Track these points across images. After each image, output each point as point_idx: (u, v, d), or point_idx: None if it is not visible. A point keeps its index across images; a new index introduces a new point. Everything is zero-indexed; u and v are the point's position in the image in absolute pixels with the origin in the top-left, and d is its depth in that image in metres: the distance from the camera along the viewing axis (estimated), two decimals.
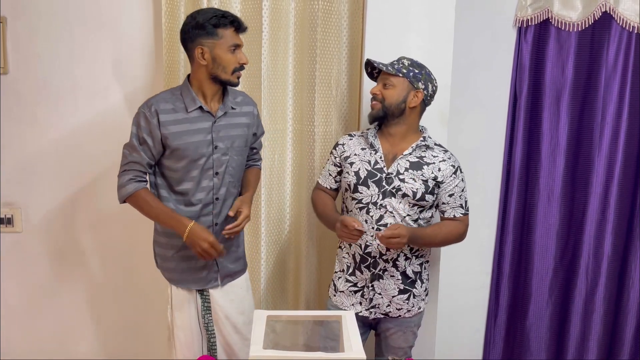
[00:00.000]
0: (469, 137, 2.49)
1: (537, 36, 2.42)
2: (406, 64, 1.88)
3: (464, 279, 2.63)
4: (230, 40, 1.78)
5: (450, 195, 1.91)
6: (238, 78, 1.84)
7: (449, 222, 1.94)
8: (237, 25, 1.80)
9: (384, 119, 1.90)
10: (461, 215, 1.94)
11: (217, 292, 1.95)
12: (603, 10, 2.35)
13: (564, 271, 2.58)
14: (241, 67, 1.82)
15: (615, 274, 2.54)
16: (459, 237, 1.96)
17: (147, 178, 1.87)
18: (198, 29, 1.77)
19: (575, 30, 2.38)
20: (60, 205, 2.43)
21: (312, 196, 2.09)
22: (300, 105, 2.31)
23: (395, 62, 1.89)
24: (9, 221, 2.41)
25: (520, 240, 2.59)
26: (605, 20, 2.36)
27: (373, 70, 1.97)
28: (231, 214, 1.86)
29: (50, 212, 2.43)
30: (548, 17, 2.39)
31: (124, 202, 1.84)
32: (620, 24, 2.35)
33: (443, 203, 1.93)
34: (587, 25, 2.37)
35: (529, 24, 2.40)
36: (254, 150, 2.06)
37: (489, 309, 2.67)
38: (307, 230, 2.34)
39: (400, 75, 1.85)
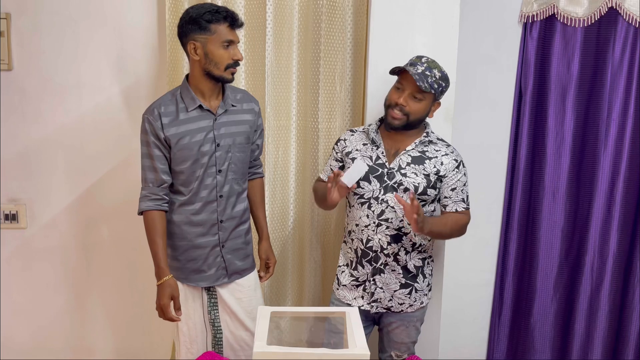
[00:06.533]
0: (474, 134, 2.49)
1: (542, 32, 2.41)
2: (437, 77, 1.81)
3: (468, 276, 2.62)
4: (223, 36, 1.76)
5: (453, 190, 1.91)
6: (232, 74, 1.81)
7: (453, 213, 1.92)
8: (232, 21, 1.77)
9: (404, 129, 1.87)
10: (463, 209, 1.93)
11: (224, 290, 1.96)
12: (609, 5, 2.33)
13: (569, 268, 2.57)
14: (235, 64, 1.80)
15: (621, 272, 2.53)
16: (463, 228, 1.94)
17: (162, 194, 1.84)
18: (191, 23, 1.77)
19: (581, 26, 2.37)
20: (64, 201, 2.43)
21: (313, 187, 2.11)
22: (304, 102, 2.30)
23: (428, 74, 1.79)
24: (13, 217, 2.41)
25: (525, 237, 2.58)
26: (611, 15, 2.35)
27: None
28: (262, 274, 2.09)
29: (55, 208, 2.44)
30: (554, 13, 2.37)
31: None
32: (627, 19, 2.33)
33: (445, 197, 1.92)
34: (593, 21, 2.36)
35: (535, 19, 2.39)
36: (255, 154, 2.05)
37: (493, 307, 2.66)
38: (310, 226, 2.33)
39: (432, 91, 1.82)
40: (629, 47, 2.36)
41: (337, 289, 2.03)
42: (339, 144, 2.01)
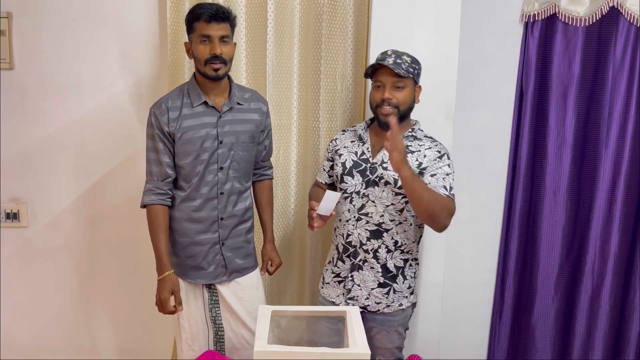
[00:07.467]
0: (474, 133, 2.48)
1: (544, 31, 2.40)
2: (409, 62, 1.84)
3: (469, 275, 2.62)
4: (200, 31, 1.78)
5: (432, 175, 1.80)
6: (215, 70, 1.79)
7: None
8: (208, 16, 1.75)
9: (399, 122, 1.84)
10: (444, 196, 1.77)
11: (225, 288, 1.96)
12: (610, 5, 2.33)
13: (570, 268, 2.57)
14: (214, 58, 1.77)
15: (622, 271, 2.53)
16: (445, 208, 1.74)
17: (167, 189, 1.87)
18: (185, 25, 1.83)
19: (582, 25, 2.37)
20: (65, 200, 2.43)
21: (309, 192, 2.13)
22: (305, 101, 2.30)
23: (399, 61, 1.83)
24: (14, 216, 2.42)
25: (525, 237, 2.58)
26: (613, 15, 2.35)
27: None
28: (263, 273, 2.08)
29: (56, 207, 2.44)
30: (555, 12, 2.37)
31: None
32: (628, 19, 2.33)
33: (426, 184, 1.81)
34: (594, 21, 2.36)
35: (536, 19, 2.39)
36: (262, 155, 2.04)
37: (494, 306, 2.66)
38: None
39: (411, 76, 1.83)
40: (630, 47, 2.36)
41: (322, 287, 2.04)
42: (331, 143, 2.04)
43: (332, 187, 2.05)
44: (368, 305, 1.93)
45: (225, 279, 1.95)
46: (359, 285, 1.92)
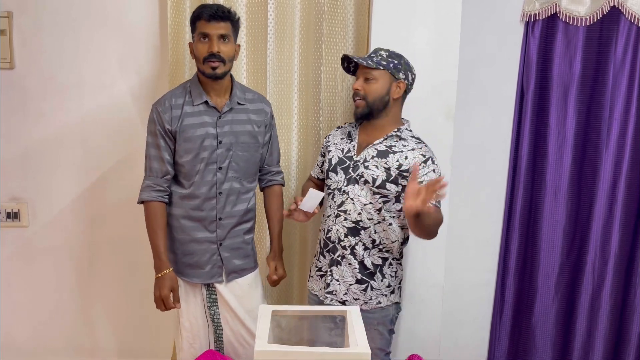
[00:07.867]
0: (475, 133, 2.48)
1: (544, 31, 2.40)
2: (385, 56, 1.86)
3: (469, 275, 2.62)
4: (199, 30, 1.80)
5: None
6: (212, 69, 1.80)
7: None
8: (208, 15, 1.77)
9: (370, 115, 1.87)
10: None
11: (223, 287, 1.96)
12: (611, 4, 2.33)
13: (570, 268, 2.57)
14: (211, 56, 1.78)
15: (622, 271, 2.53)
16: (438, 226, 1.79)
17: (166, 186, 1.88)
18: (190, 26, 1.86)
19: (583, 25, 2.37)
20: (66, 199, 2.43)
21: (303, 186, 2.15)
22: (306, 100, 2.30)
23: (373, 55, 1.86)
24: (15, 216, 2.42)
25: (526, 237, 2.58)
26: (614, 14, 2.35)
27: (349, 64, 1.95)
28: (271, 282, 2.06)
29: (57, 207, 2.44)
30: (556, 12, 2.37)
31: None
32: (629, 18, 2.33)
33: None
34: (595, 20, 2.36)
35: (537, 18, 2.39)
36: (265, 157, 2.03)
37: (494, 306, 2.66)
38: (313, 225, 2.33)
39: (381, 67, 1.83)
40: (631, 46, 2.36)
41: (308, 281, 2.07)
42: (325, 139, 2.06)
43: (324, 182, 2.06)
44: (347, 300, 1.94)
45: (221, 279, 1.95)
46: (337, 281, 1.94)
